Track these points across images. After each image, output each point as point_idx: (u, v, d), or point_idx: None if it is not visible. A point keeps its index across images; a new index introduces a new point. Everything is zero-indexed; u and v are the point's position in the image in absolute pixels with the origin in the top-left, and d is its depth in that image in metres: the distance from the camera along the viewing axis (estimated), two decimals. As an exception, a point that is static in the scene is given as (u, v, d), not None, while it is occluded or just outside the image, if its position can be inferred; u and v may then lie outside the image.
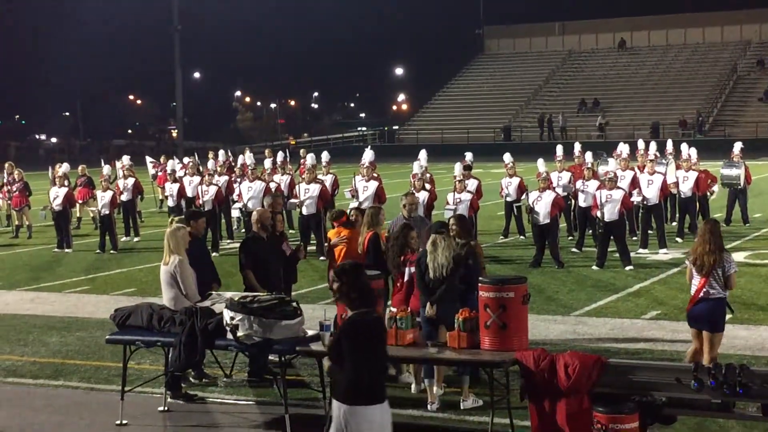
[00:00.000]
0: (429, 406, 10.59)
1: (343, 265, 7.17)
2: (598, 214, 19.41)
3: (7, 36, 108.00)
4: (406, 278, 11.25)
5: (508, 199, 23.96)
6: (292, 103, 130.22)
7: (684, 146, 24.71)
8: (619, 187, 19.83)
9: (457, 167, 21.62)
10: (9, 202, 28.84)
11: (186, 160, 31.10)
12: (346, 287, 6.93)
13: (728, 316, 11.34)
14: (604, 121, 71.91)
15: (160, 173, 32.91)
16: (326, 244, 13.61)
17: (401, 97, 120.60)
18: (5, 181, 29.36)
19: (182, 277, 10.97)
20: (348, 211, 13.47)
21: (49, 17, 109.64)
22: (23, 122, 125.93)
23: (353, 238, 12.70)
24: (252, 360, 11.81)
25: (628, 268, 19.00)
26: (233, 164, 29.40)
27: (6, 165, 30.01)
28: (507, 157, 24.42)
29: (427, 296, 10.66)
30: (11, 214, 29.18)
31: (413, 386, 11.30)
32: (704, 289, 10.84)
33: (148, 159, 35.57)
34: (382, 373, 7.01)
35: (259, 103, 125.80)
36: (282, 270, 12.51)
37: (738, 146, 26.17)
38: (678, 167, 23.52)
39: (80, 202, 28.86)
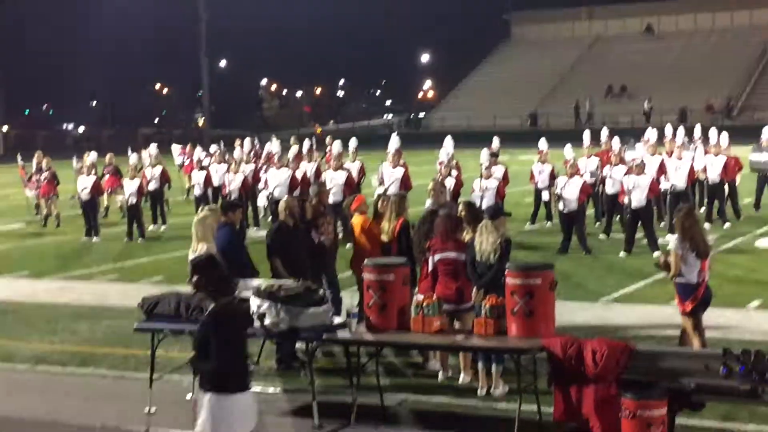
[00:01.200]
0: (493, 391, 10.55)
1: (199, 257, 7.33)
2: (626, 200, 19.33)
3: (35, 26, 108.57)
4: (430, 266, 11.20)
5: (540, 186, 23.70)
6: (318, 90, 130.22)
7: (713, 131, 24.50)
8: (646, 173, 19.73)
9: (484, 154, 21.53)
10: (37, 191, 29.00)
11: (213, 148, 31.14)
12: (203, 280, 7.06)
13: None
14: (648, 107, 70.80)
15: (186, 162, 33.03)
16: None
17: (427, 84, 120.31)
18: (33, 170, 29.53)
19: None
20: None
21: (77, 6, 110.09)
22: (51, 112, 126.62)
23: (369, 223, 12.75)
24: (279, 347, 11.84)
25: (655, 254, 18.89)
26: (259, 152, 29.42)
27: (36, 154, 30.19)
28: (542, 144, 24.12)
29: (475, 282, 10.66)
30: (40, 204, 29.36)
31: (440, 374, 11.27)
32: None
33: (175, 146, 35.69)
34: (246, 360, 7.11)
35: (285, 91, 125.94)
36: (312, 258, 12.50)
37: (767, 131, 25.92)
38: (706, 152, 23.35)
39: (108, 191, 28.98)
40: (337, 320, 10.22)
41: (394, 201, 12.73)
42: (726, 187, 23.20)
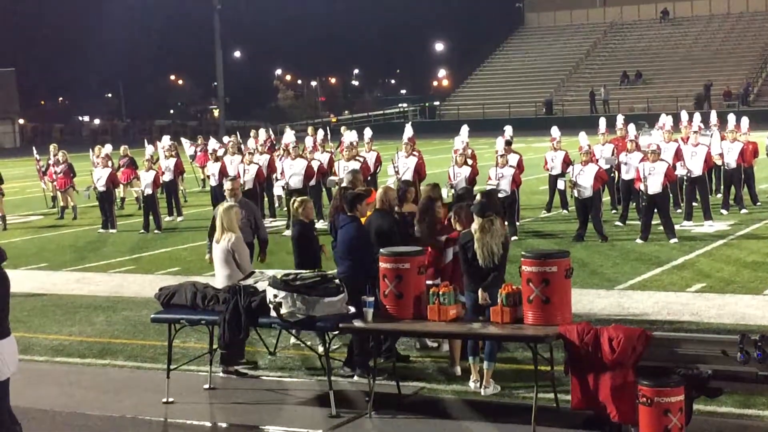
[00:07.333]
0: (473, 385, 10.42)
1: None
2: (642, 186, 19.25)
3: (49, 18, 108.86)
4: (450, 256, 11.09)
5: (554, 172, 23.64)
6: (333, 80, 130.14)
7: (731, 117, 24.35)
8: (662, 160, 19.64)
9: (499, 142, 21.54)
10: (54, 183, 29.14)
11: (226, 139, 31.21)
12: None
13: None
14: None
15: (200, 153, 33.31)
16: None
17: (442, 72, 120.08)
18: (50, 162, 29.67)
19: (240, 253, 11.12)
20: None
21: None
22: (67, 103, 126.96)
23: None
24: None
25: (672, 240, 18.85)
26: (275, 142, 29.48)
27: (51, 147, 30.30)
28: (555, 131, 24.01)
29: (476, 282, 10.27)
30: (56, 196, 29.50)
31: (457, 369, 11.21)
32: None
33: (184, 140, 35.92)
34: (6, 311, 8.02)
35: (299, 81, 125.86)
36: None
37: (783, 116, 25.80)
38: (722, 138, 23.25)
39: (124, 183, 29.09)
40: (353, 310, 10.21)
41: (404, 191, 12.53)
42: (743, 172, 23.07)
